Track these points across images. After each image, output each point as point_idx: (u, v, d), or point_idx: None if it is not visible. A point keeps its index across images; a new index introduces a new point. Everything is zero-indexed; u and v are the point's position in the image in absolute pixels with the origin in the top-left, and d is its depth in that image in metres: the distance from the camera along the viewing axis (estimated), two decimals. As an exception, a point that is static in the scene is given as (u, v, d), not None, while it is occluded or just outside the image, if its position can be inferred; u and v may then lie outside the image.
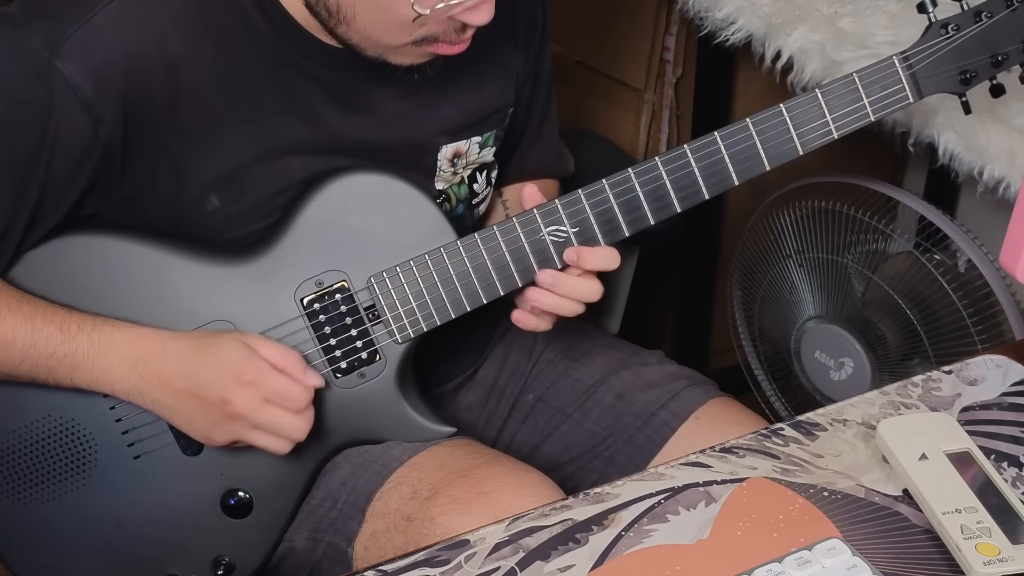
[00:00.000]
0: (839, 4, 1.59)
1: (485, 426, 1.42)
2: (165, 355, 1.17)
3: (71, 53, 1.12)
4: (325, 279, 1.21)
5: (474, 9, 1.11)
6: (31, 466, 1.22)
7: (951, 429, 1.00)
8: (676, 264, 2.18)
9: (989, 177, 1.45)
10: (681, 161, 1.19)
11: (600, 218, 1.20)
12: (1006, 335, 1.62)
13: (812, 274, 1.79)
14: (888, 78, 1.19)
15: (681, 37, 2.00)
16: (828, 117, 1.19)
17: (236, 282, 1.21)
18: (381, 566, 0.91)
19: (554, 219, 1.20)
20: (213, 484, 1.24)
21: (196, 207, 1.20)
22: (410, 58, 1.18)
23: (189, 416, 1.18)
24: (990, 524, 0.90)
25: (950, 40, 1.19)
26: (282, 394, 1.17)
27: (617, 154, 1.84)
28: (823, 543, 0.88)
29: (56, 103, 1.12)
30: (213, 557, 1.25)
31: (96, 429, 1.22)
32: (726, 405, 1.37)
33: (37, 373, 1.17)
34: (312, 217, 1.20)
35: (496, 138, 1.34)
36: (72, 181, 1.16)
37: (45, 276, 1.19)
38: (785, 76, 1.62)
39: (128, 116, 1.14)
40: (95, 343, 1.17)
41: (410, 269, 1.21)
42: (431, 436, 1.27)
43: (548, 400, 1.41)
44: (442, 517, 1.17)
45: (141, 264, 1.20)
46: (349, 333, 1.22)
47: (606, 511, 0.95)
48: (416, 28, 1.12)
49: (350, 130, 1.23)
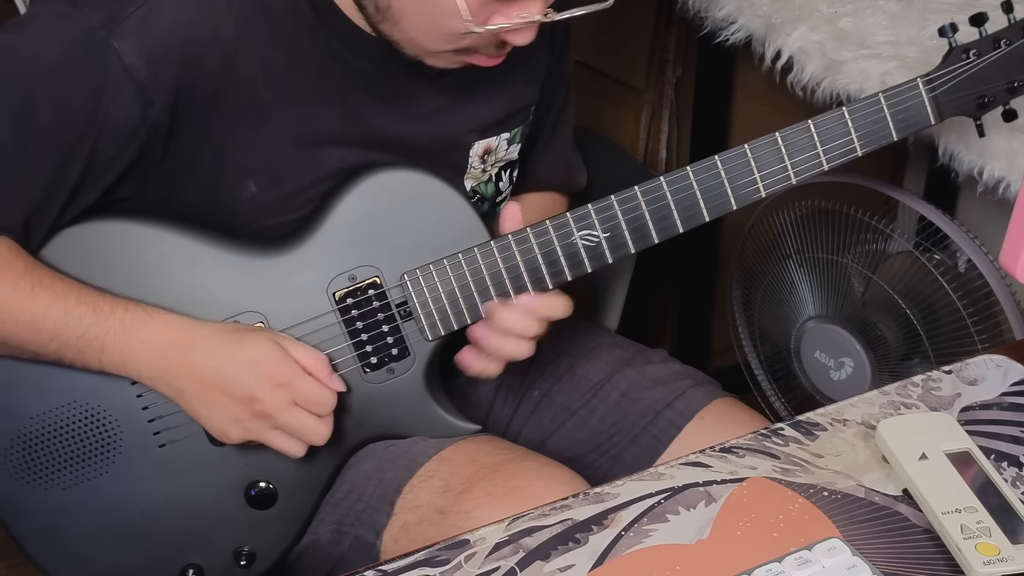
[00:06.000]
0: (839, 4, 1.59)
1: (493, 422, 1.42)
2: (195, 345, 1.17)
3: (128, 33, 1.12)
4: (358, 274, 1.21)
5: (519, 31, 1.13)
6: (55, 451, 1.22)
7: (951, 429, 1.00)
8: (676, 264, 2.18)
9: (989, 177, 1.45)
10: (711, 171, 1.20)
11: (631, 224, 1.21)
12: (1006, 335, 1.62)
13: (812, 274, 1.79)
14: (912, 100, 1.21)
15: (681, 37, 2.00)
16: (854, 135, 1.21)
17: (268, 274, 1.21)
18: (381, 566, 0.91)
19: (587, 223, 1.21)
20: (238, 474, 1.24)
21: (232, 193, 1.20)
22: (445, 63, 1.19)
23: (210, 409, 1.18)
24: (990, 524, 0.90)
25: (971, 66, 1.20)
26: (311, 398, 1.17)
27: (617, 154, 1.84)
28: (823, 543, 0.88)
29: (109, 84, 1.12)
30: (234, 547, 1.25)
31: (122, 416, 1.22)
32: (730, 405, 1.38)
33: (65, 353, 1.17)
34: (347, 211, 1.21)
35: (522, 135, 1.35)
36: (115, 161, 1.16)
37: (77, 259, 1.19)
38: (785, 76, 1.62)
39: (178, 100, 1.14)
40: (127, 327, 1.16)
41: (444, 268, 1.21)
42: (456, 432, 1.27)
43: (554, 397, 1.42)
44: (478, 510, 1.17)
45: (173, 252, 1.20)
46: (380, 329, 1.23)
47: (606, 511, 0.95)
48: (460, 40, 1.14)
49: (386, 123, 1.23)
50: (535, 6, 1.12)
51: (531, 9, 1.12)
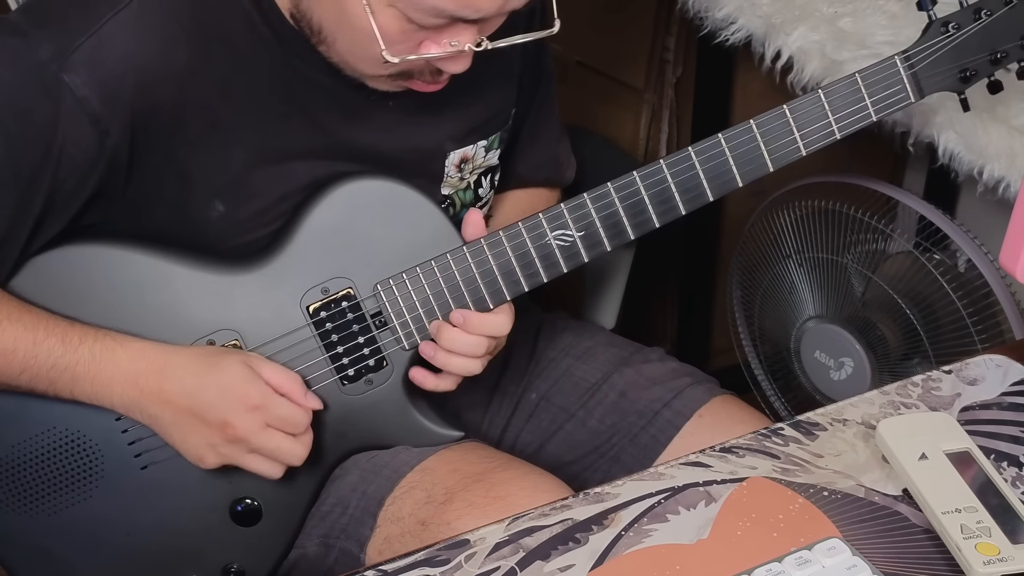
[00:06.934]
0: (839, 4, 1.59)
1: (489, 425, 1.42)
2: (167, 372, 1.16)
3: (79, 66, 1.10)
4: (331, 286, 1.21)
5: (452, 59, 1.11)
6: (37, 478, 1.22)
7: (951, 429, 1.00)
8: (676, 264, 2.18)
9: (989, 177, 1.45)
10: (686, 164, 1.19)
11: (606, 222, 1.20)
12: (1006, 335, 1.62)
13: (812, 274, 1.79)
14: (890, 78, 1.19)
15: (681, 37, 2.00)
16: (831, 117, 1.19)
17: (241, 291, 1.20)
18: (381, 566, 0.91)
19: (560, 223, 1.20)
20: (222, 493, 1.23)
21: (201, 214, 1.19)
22: (385, 86, 1.18)
23: (185, 435, 1.18)
24: (990, 524, 0.90)
25: (951, 38, 1.19)
26: (284, 419, 1.17)
27: (617, 154, 1.84)
28: (823, 543, 0.88)
29: (63, 117, 1.11)
30: (223, 565, 1.25)
31: (102, 440, 1.21)
32: (729, 403, 1.37)
33: (37, 384, 1.17)
34: (317, 223, 1.20)
35: (501, 140, 1.34)
36: (76, 192, 1.15)
37: (47, 286, 1.18)
38: (785, 76, 1.62)
39: (136, 128, 1.13)
40: (96, 356, 1.16)
41: (416, 276, 1.21)
42: (440, 441, 1.27)
43: (551, 399, 1.41)
44: (458, 522, 1.17)
45: (144, 273, 1.19)
46: (356, 340, 1.22)
47: (606, 511, 0.95)
48: (390, 66, 1.11)
49: (354, 135, 1.22)
50: (466, 34, 1.09)
51: (462, 37, 1.09)
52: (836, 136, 1.20)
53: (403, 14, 1.07)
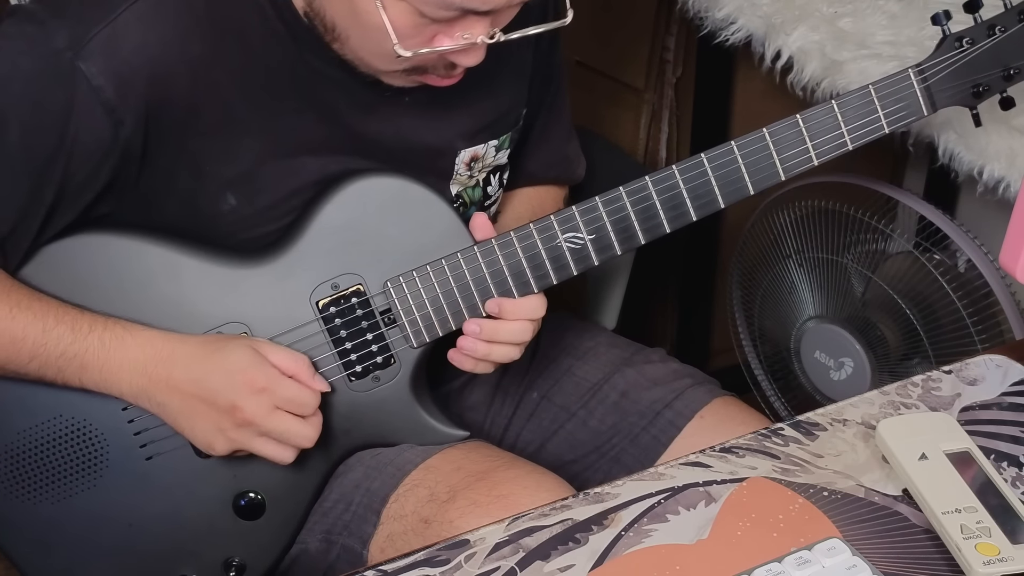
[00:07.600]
0: (839, 4, 1.59)
1: (491, 425, 1.42)
2: (175, 359, 1.16)
3: (94, 54, 1.10)
4: (341, 282, 1.21)
5: (465, 52, 1.11)
6: (41, 466, 1.22)
7: (951, 429, 1.00)
8: (676, 264, 2.18)
9: (989, 177, 1.45)
10: (698, 170, 1.20)
11: (616, 226, 1.20)
12: (1006, 335, 1.62)
13: (812, 274, 1.79)
14: (903, 91, 1.20)
15: (681, 37, 2.00)
16: (844, 128, 1.20)
17: (251, 284, 1.20)
18: (381, 566, 0.91)
19: (571, 226, 1.20)
20: (225, 486, 1.23)
21: (212, 207, 1.19)
22: (399, 82, 1.18)
23: (193, 421, 1.18)
24: (990, 524, 0.90)
25: (964, 54, 1.19)
26: (292, 400, 1.17)
27: (616, 154, 1.84)
28: (823, 543, 0.88)
29: (77, 105, 1.11)
30: (224, 558, 1.25)
31: (108, 430, 1.21)
32: (730, 404, 1.37)
33: (46, 372, 1.17)
34: (328, 219, 1.20)
35: (511, 140, 1.34)
36: (89, 182, 1.15)
37: (57, 275, 1.19)
38: (785, 76, 1.62)
39: (149, 118, 1.13)
40: (106, 344, 1.16)
41: (427, 274, 1.21)
42: (445, 440, 1.27)
43: (552, 398, 1.41)
44: (461, 520, 1.17)
45: (155, 264, 1.19)
46: (364, 337, 1.22)
47: (606, 511, 0.95)
48: (404, 61, 1.11)
49: (367, 131, 1.22)
50: (479, 27, 1.09)
51: (474, 30, 1.09)
52: (848, 147, 1.21)
53: (414, 8, 1.07)
